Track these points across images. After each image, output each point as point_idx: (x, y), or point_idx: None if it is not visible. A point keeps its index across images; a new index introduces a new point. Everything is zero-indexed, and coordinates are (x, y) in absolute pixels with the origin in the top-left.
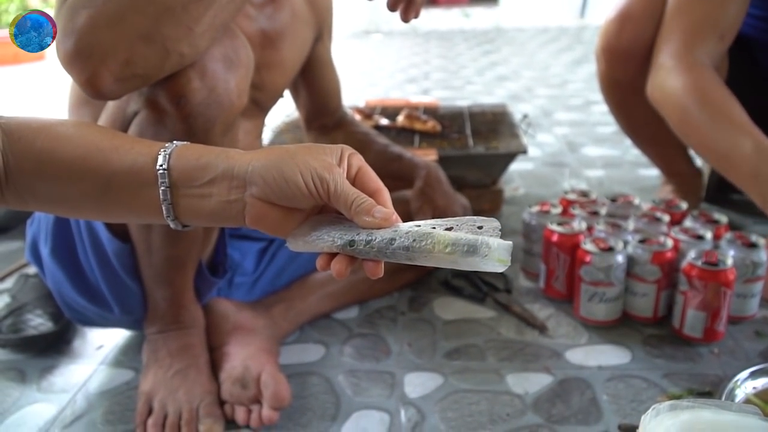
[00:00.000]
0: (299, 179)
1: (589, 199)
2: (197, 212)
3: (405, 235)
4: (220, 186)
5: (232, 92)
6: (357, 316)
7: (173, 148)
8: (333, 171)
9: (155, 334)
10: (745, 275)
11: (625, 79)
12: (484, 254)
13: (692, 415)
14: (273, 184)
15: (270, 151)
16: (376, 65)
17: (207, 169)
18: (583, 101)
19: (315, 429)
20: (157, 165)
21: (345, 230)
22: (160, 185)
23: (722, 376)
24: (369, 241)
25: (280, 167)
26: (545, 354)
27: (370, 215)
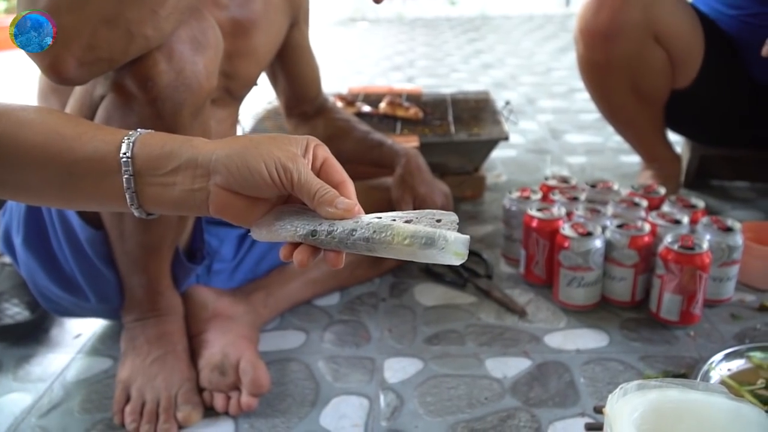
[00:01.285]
0: (263, 168)
1: (569, 185)
2: (161, 200)
3: (366, 227)
4: (184, 174)
5: (201, 74)
6: (338, 303)
7: (137, 136)
8: (297, 161)
9: (133, 322)
10: (721, 259)
11: (603, 61)
12: (441, 247)
13: (659, 394)
14: (236, 174)
15: (234, 140)
16: (362, 53)
17: (171, 158)
18: (567, 89)
19: (294, 415)
20: (121, 153)
21: (308, 220)
22: (123, 173)
23: (698, 358)
24: (330, 232)
25: (244, 156)
26: (524, 338)
27: (332, 206)
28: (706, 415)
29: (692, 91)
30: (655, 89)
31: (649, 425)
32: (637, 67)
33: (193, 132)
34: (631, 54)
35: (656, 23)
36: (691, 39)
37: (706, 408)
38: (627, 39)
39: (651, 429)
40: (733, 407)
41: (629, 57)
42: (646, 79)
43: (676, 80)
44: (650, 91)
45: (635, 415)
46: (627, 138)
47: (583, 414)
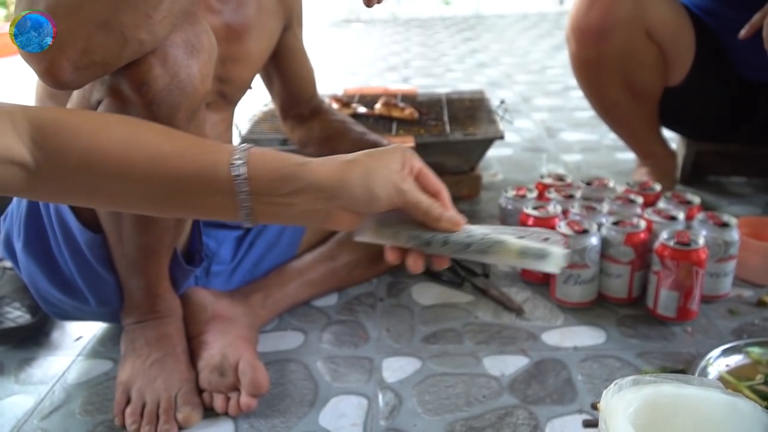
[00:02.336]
0: (383, 194)
1: (564, 183)
2: (277, 217)
3: (480, 242)
4: (305, 197)
5: (195, 78)
6: (336, 303)
7: (245, 156)
8: (407, 182)
9: (132, 325)
10: (717, 254)
11: (595, 59)
12: (549, 261)
13: (654, 389)
14: (359, 198)
15: (349, 165)
16: (357, 54)
17: (290, 181)
18: (562, 87)
19: (293, 415)
20: (234, 174)
21: (415, 229)
22: (238, 194)
23: (695, 354)
24: (446, 243)
25: (366, 184)
26: (522, 336)
27: (441, 222)
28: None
29: (685, 88)
30: (648, 86)
31: (644, 420)
32: (629, 64)
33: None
34: (624, 50)
35: (647, 19)
36: (682, 35)
37: (701, 403)
38: (619, 35)
39: (646, 424)
40: (728, 402)
41: (621, 54)
42: (638, 76)
43: (668, 77)
44: (643, 87)
45: (630, 410)
46: (621, 135)
47: (580, 411)
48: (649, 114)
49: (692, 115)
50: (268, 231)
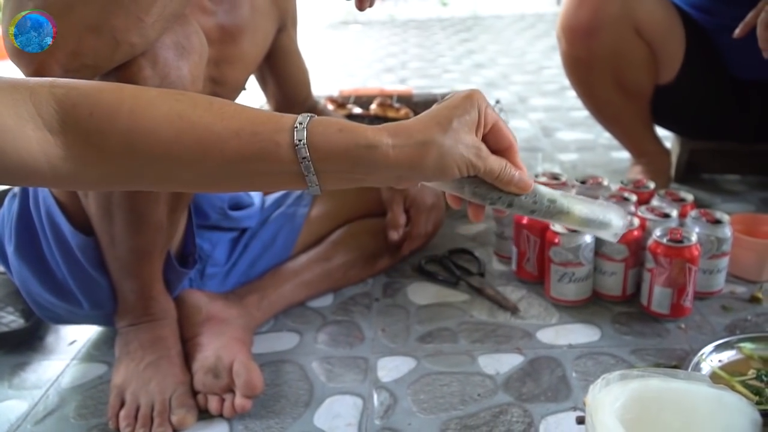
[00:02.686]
0: (456, 172)
1: (559, 181)
2: (346, 186)
3: (545, 211)
4: (378, 177)
5: (186, 79)
6: (331, 304)
7: (306, 135)
8: (481, 154)
9: (126, 327)
10: (710, 251)
11: (586, 57)
12: (608, 230)
13: (641, 383)
14: (431, 177)
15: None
16: (354, 56)
17: (360, 166)
18: (558, 86)
19: (288, 415)
20: (300, 157)
21: (481, 186)
22: (306, 174)
23: (689, 350)
24: (510, 205)
25: (442, 167)
26: (517, 335)
27: (511, 186)
28: (688, 403)
29: (676, 86)
30: (639, 84)
31: (631, 414)
32: (619, 62)
33: None
34: (613, 48)
35: (636, 17)
36: (672, 32)
37: (688, 396)
38: (608, 34)
39: (633, 418)
40: (714, 395)
41: (611, 52)
42: (629, 74)
43: (659, 75)
44: (634, 85)
45: (617, 405)
46: (615, 134)
47: (575, 408)
48: (641, 112)
49: (684, 113)
50: (263, 232)
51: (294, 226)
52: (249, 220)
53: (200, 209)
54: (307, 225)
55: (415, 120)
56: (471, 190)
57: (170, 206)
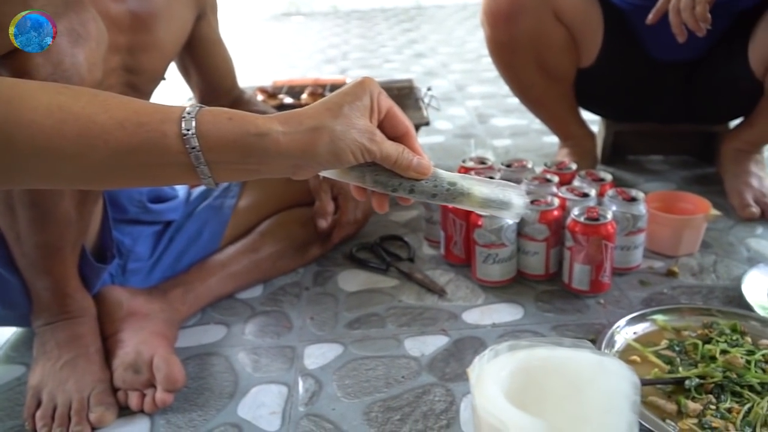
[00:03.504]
0: (351, 157)
1: (486, 165)
2: (240, 179)
3: (446, 193)
4: (270, 166)
5: (81, 66)
6: (261, 295)
7: (194, 123)
8: (375, 139)
9: (42, 327)
10: (627, 228)
11: (507, 41)
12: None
13: (528, 353)
14: (325, 164)
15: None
16: (296, 47)
17: (254, 154)
18: (496, 74)
19: (212, 407)
20: (188, 147)
21: (381, 173)
22: (196, 166)
23: (606, 324)
24: (411, 191)
25: (335, 152)
26: (443, 317)
27: (410, 171)
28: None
29: (596, 69)
30: (560, 67)
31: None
32: (540, 46)
33: None
34: (533, 32)
35: (555, 2)
36: (590, 16)
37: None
38: (528, 18)
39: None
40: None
41: (532, 35)
42: (550, 57)
43: (580, 58)
44: (556, 68)
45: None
46: (541, 117)
47: None
48: (565, 95)
49: (605, 95)
50: (188, 226)
51: (221, 218)
52: (172, 213)
53: (117, 202)
54: (235, 216)
55: (307, 107)
56: (372, 178)
57: (77, 199)
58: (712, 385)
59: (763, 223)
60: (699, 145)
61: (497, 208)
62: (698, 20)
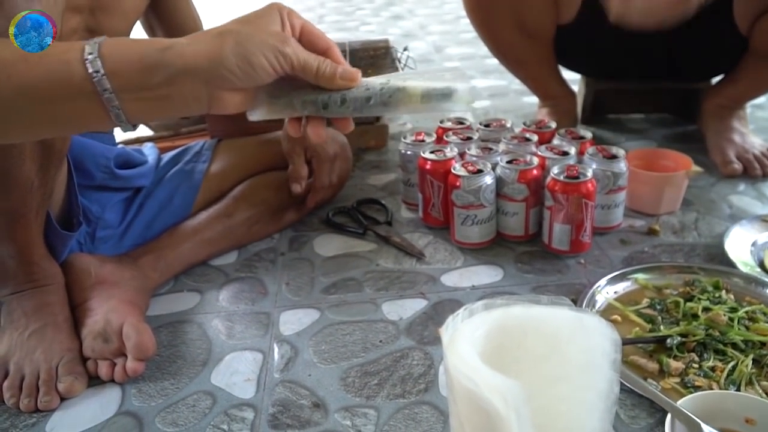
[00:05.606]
0: (264, 62)
1: (464, 125)
2: (153, 112)
3: (380, 93)
4: (179, 86)
5: None
6: (235, 261)
7: (97, 48)
8: (290, 44)
9: (9, 296)
10: (607, 186)
11: (486, 1)
12: (455, 98)
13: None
14: (239, 73)
15: (219, 38)
16: None
17: (157, 71)
18: (474, 35)
19: (185, 376)
20: (91, 71)
21: (309, 93)
22: (102, 93)
23: (587, 284)
24: (344, 101)
25: (244, 55)
26: (421, 280)
27: (335, 80)
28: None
29: (576, 25)
30: (539, 25)
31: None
32: (519, 3)
33: None
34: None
35: None
36: None
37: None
38: None
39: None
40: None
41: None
42: (529, 15)
43: (560, 15)
44: (535, 26)
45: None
46: (520, 77)
47: None
48: (544, 54)
49: (586, 51)
50: (158, 191)
51: (192, 183)
52: (142, 179)
53: (82, 168)
54: (206, 182)
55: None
56: (300, 100)
57: (39, 163)
58: (695, 344)
59: (746, 180)
60: (679, 103)
61: (442, 99)
62: None
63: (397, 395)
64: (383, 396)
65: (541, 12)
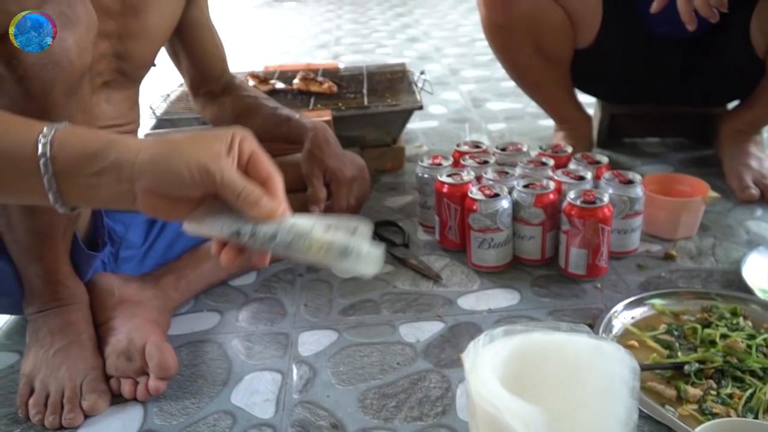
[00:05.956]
0: (184, 172)
1: (480, 149)
2: (87, 199)
3: (286, 233)
4: (109, 177)
5: (71, 51)
6: (254, 282)
7: (53, 134)
8: (219, 161)
9: (35, 314)
10: (624, 211)
11: (504, 22)
12: (355, 258)
13: (524, 337)
14: (159, 178)
15: (159, 142)
16: (288, 33)
17: (94, 160)
18: (490, 58)
19: (205, 395)
20: (38, 152)
21: (234, 219)
22: (43, 174)
23: (603, 308)
24: (254, 234)
25: (167, 160)
26: (438, 302)
27: (255, 209)
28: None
29: (595, 49)
30: (557, 48)
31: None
32: (537, 27)
33: (69, 110)
34: (531, 14)
35: None
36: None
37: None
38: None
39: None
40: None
41: (529, 17)
42: (547, 39)
43: (578, 39)
44: (553, 50)
45: (497, 359)
46: (537, 100)
47: None
48: (561, 77)
49: (604, 75)
50: None
51: None
52: None
53: None
54: None
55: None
56: (223, 223)
57: None
58: (713, 371)
59: (763, 205)
60: (696, 127)
61: (343, 256)
62: (713, 6)
63: (414, 418)
64: (401, 418)
65: (559, 35)
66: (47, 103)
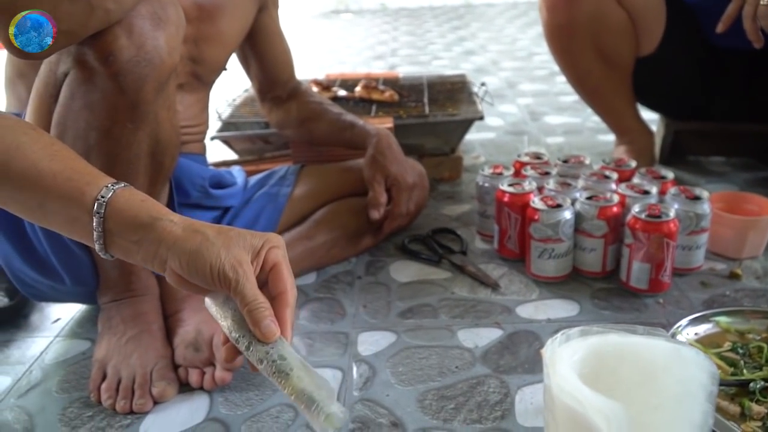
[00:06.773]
0: (207, 271)
1: (542, 161)
2: (125, 257)
3: (271, 364)
4: (147, 250)
5: (162, 49)
6: (314, 282)
7: (110, 196)
8: (239, 269)
9: (108, 303)
10: (689, 227)
11: (566, 24)
12: (317, 413)
13: (600, 338)
14: (186, 268)
15: (195, 233)
16: (345, 44)
17: (138, 231)
18: (548, 72)
19: (269, 387)
20: (96, 211)
21: (240, 324)
22: (94, 228)
23: (666, 324)
24: (248, 348)
25: (195, 256)
26: (496, 310)
27: (256, 326)
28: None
29: (657, 58)
30: (619, 53)
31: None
32: (599, 29)
33: (156, 107)
34: (593, 15)
35: None
36: (652, 2)
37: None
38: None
39: (591, 372)
40: (672, 348)
41: (591, 18)
42: (610, 42)
43: (640, 46)
44: (615, 54)
45: (575, 358)
46: (596, 108)
47: None
48: (622, 85)
49: (665, 87)
50: (246, 212)
51: (277, 205)
52: (231, 198)
53: (181, 186)
54: (290, 205)
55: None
56: (230, 323)
57: (150, 179)
58: None
59: None
60: (762, 147)
61: (307, 407)
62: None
63: (473, 420)
64: (460, 420)
65: (621, 40)
66: (138, 99)
